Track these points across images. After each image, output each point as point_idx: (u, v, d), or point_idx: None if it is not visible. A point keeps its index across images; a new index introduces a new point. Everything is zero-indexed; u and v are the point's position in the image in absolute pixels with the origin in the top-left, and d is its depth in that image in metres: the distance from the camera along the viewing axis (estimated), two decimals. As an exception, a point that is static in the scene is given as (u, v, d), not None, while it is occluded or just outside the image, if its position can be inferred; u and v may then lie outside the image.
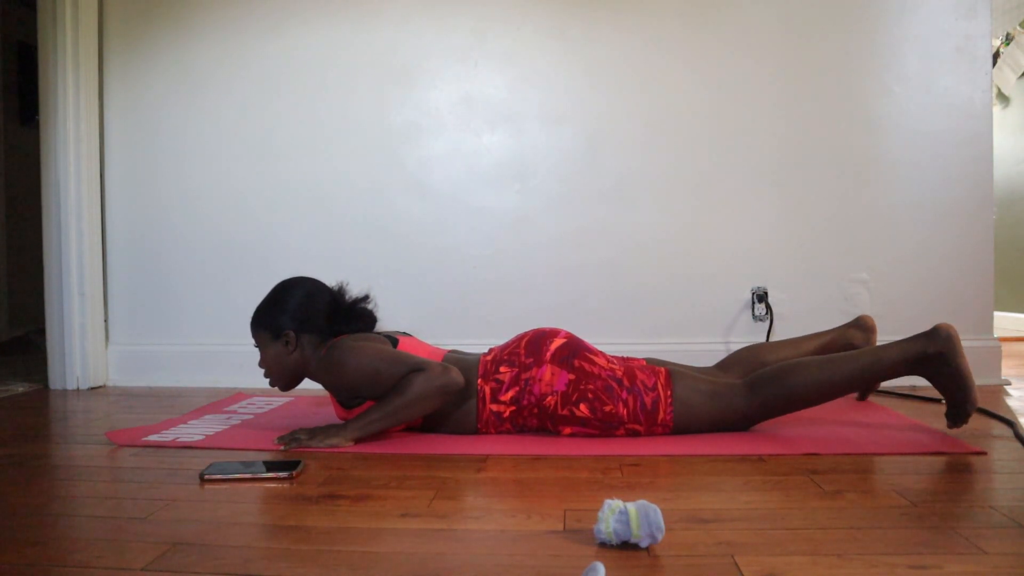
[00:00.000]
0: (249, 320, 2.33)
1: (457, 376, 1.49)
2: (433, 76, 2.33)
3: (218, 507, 1.12)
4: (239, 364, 2.33)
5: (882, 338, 1.85)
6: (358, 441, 1.51)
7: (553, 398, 1.55)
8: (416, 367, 1.49)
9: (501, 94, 2.31)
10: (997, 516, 1.02)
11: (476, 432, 1.59)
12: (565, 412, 1.54)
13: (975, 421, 1.65)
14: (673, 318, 2.27)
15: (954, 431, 1.52)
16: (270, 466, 1.31)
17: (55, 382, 2.35)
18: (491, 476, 1.29)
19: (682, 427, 1.54)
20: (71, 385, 2.34)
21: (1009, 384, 2.16)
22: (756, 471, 1.28)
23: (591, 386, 1.53)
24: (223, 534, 1.01)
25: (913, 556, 0.89)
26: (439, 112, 2.33)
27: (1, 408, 2.03)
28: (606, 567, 0.84)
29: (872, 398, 1.96)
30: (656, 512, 0.91)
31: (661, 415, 1.53)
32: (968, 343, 2.19)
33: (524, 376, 1.56)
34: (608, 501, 0.95)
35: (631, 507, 0.93)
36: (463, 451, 1.45)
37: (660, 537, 0.91)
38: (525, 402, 1.56)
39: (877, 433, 1.54)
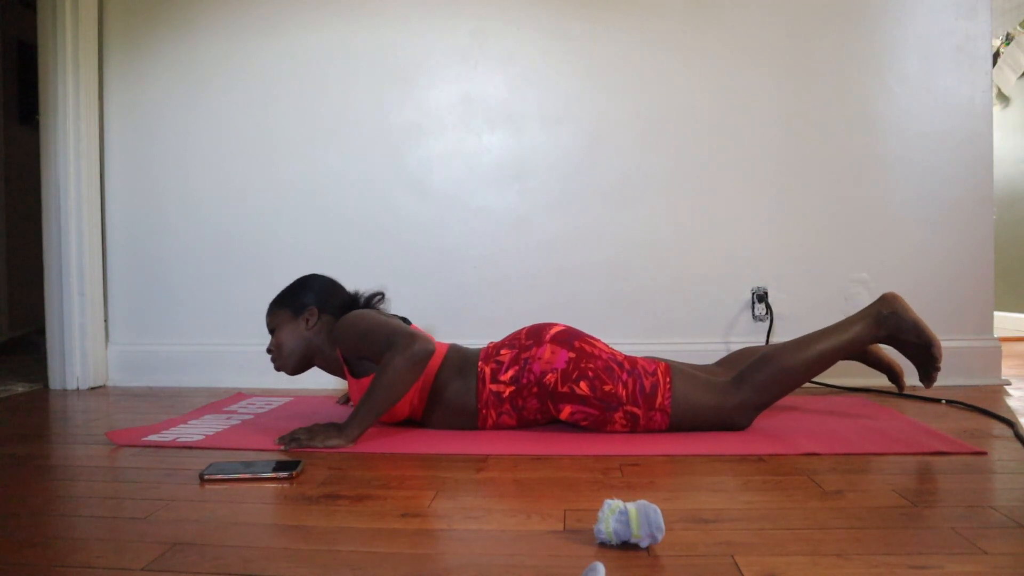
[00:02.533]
0: (249, 320, 2.32)
1: (425, 344, 1.50)
2: (433, 76, 2.33)
3: (218, 507, 1.12)
4: (239, 364, 2.34)
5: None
6: (358, 439, 1.51)
7: (553, 375, 1.56)
8: (389, 342, 1.51)
9: (501, 94, 2.31)
10: (997, 516, 1.02)
11: (476, 413, 1.62)
12: (565, 389, 1.56)
13: (975, 421, 1.65)
14: (673, 318, 2.27)
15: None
16: (270, 466, 1.31)
17: (55, 382, 2.35)
18: (491, 476, 1.29)
19: (680, 413, 1.55)
20: (71, 385, 2.34)
21: (1009, 384, 2.16)
22: (756, 471, 1.28)
23: (591, 365, 1.56)
24: (223, 534, 1.01)
25: (913, 556, 0.89)
26: (439, 112, 2.33)
27: (1, 408, 2.03)
28: (606, 567, 0.84)
29: (872, 398, 1.96)
30: (656, 512, 0.91)
31: (659, 399, 1.54)
32: (968, 343, 2.21)
33: (524, 356, 1.60)
34: (608, 501, 0.95)
35: (631, 507, 0.93)
36: (463, 451, 1.46)
37: (660, 537, 0.91)
38: (524, 380, 1.58)
39: (877, 433, 1.54)
